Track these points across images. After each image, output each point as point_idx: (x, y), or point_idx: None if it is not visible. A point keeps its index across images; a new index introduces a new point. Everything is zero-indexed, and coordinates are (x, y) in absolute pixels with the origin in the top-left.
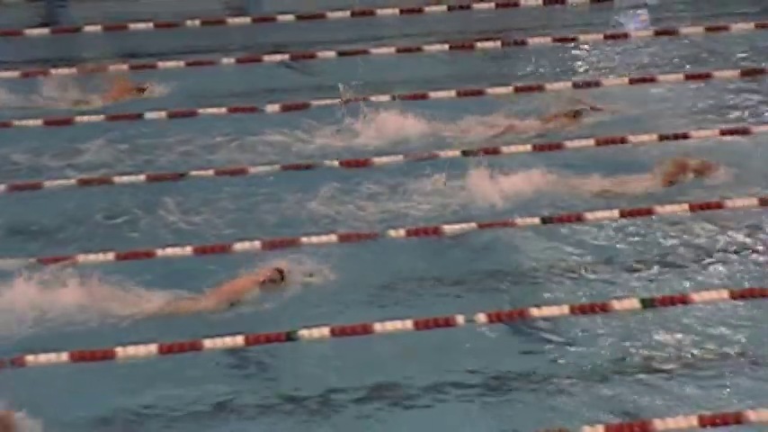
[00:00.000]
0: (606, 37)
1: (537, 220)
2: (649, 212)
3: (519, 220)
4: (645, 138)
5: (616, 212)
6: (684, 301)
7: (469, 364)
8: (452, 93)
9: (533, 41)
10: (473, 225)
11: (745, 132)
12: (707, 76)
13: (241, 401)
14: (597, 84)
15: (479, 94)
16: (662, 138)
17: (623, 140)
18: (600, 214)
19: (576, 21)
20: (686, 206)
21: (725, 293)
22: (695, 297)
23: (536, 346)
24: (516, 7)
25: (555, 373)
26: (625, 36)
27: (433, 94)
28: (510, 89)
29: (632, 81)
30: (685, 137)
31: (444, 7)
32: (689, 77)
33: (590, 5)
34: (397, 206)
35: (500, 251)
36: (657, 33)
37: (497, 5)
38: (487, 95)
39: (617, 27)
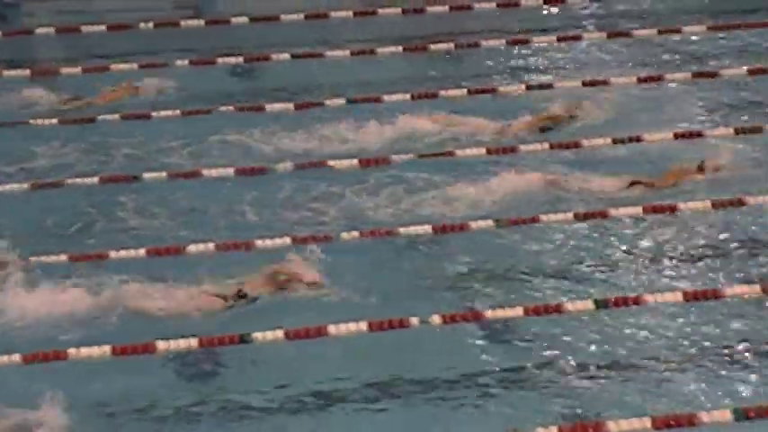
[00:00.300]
0: (559, 39)
1: (491, 222)
2: (603, 215)
3: (473, 224)
4: (600, 141)
5: (570, 215)
6: (638, 301)
7: (422, 365)
8: (407, 96)
9: (486, 44)
10: (427, 228)
11: (699, 135)
12: (659, 79)
13: (192, 405)
14: (550, 86)
15: (433, 96)
16: (615, 141)
17: (577, 145)
18: (554, 217)
19: (529, 23)
20: (640, 209)
21: (679, 295)
22: (649, 298)
23: (490, 348)
24: (469, 10)
25: (508, 374)
26: (578, 38)
27: (387, 98)
28: (463, 91)
29: (585, 84)
30: (639, 140)
31: (398, 10)
32: (641, 80)
33: (543, 7)
34: (355, 208)
35: (455, 253)
36: (610, 36)
37: (451, 8)
38: (441, 97)
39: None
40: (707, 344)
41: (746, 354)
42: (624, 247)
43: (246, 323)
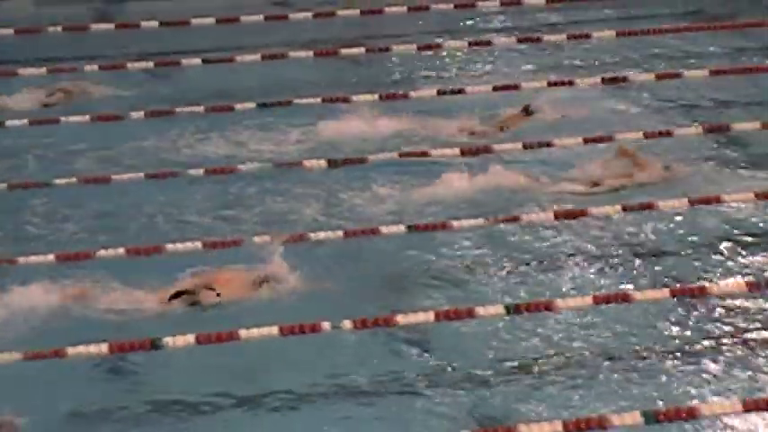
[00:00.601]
0: (471, 44)
1: (403, 228)
2: (516, 219)
3: (384, 228)
4: (512, 145)
5: (481, 220)
6: (549, 306)
7: (332, 370)
8: (318, 99)
9: (397, 48)
10: (339, 234)
11: (610, 139)
12: (570, 83)
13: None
14: (461, 91)
15: (345, 101)
16: (526, 147)
17: (488, 149)
18: (466, 223)
19: (439, 27)
20: (551, 214)
21: (588, 299)
22: (560, 303)
23: (402, 353)
24: (380, 14)
25: (419, 379)
26: (489, 43)
27: (297, 101)
28: (375, 96)
29: (496, 88)
30: (549, 145)
31: (309, 14)
32: (551, 84)
33: (454, 11)
34: (273, 211)
35: (371, 257)
36: (520, 40)
37: (362, 12)
38: (353, 102)
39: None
40: (617, 348)
41: (654, 357)
42: (534, 252)
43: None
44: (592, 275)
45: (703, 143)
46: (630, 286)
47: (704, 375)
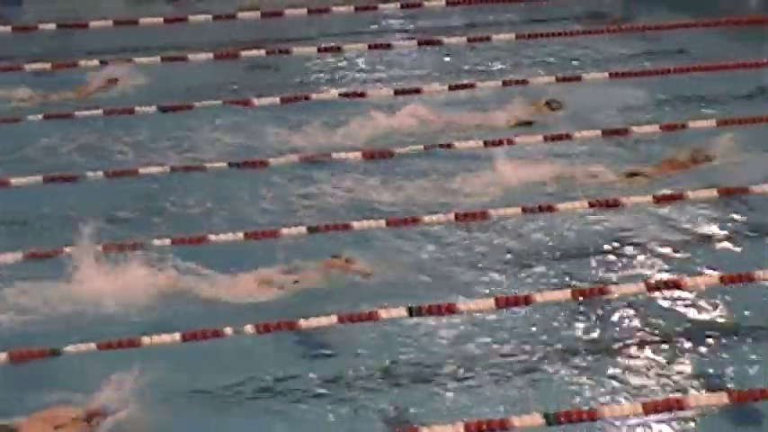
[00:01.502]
0: (371, 47)
1: (304, 230)
2: (415, 221)
3: (284, 230)
4: (408, 148)
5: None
6: (451, 309)
7: (233, 374)
8: (218, 102)
9: (298, 50)
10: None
11: (510, 143)
12: (471, 87)
13: None
14: (362, 94)
15: (246, 104)
16: (427, 147)
17: (391, 153)
18: (367, 223)
19: (340, 29)
20: (452, 216)
21: (491, 302)
22: (461, 306)
23: (305, 356)
24: (281, 16)
25: (320, 383)
26: (389, 46)
27: (197, 104)
28: (276, 99)
29: (397, 92)
30: (449, 146)
31: (209, 16)
32: (453, 88)
33: (355, 14)
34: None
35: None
36: (420, 43)
37: (262, 14)
38: (256, 106)
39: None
40: (518, 350)
41: (556, 358)
42: (438, 254)
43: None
44: (495, 277)
45: (603, 146)
46: (533, 288)
47: (605, 378)
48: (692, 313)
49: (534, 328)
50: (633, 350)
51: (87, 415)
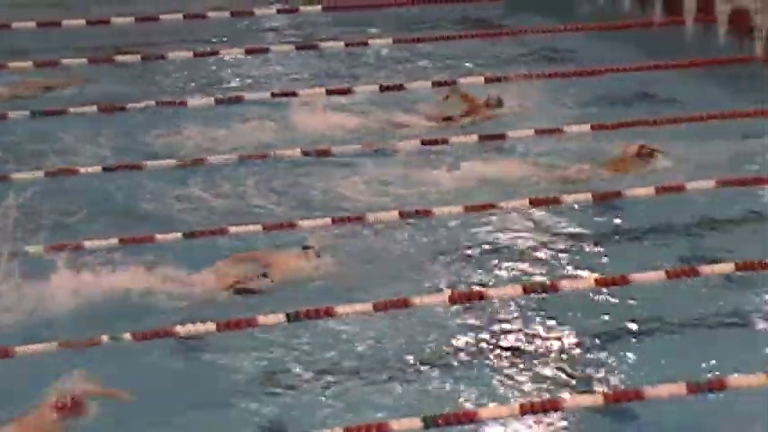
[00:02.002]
0: (248, 51)
1: (179, 235)
2: (292, 225)
3: (159, 236)
4: (289, 152)
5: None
6: (329, 313)
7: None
8: (94, 108)
9: (173, 55)
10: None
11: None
12: (348, 92)
13: None
14: (239, 99)
15: (121, 110)
16: (305, 153)
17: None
18: (239, 228)
19: (216, 34)
20: (329, 219)
21: (369, 306)
22: (339, 310)
23: (188, 363)
24: (156, 21)
25: (203, 389)
26: (266, 50)
27: (72, 109)
28: (152, 103)
29: (275, 95)
30: (326, 153)
31: (82, 21)
32: (330, 92)
33: (231, 19)
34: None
35: None
36: (298, 48)
37: (137, 19)
38: (129, 111)
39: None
40: (397, 353)
41: (436, 361)
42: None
43: None
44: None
45: (477, 148)
46: (412, 291)
47: (482, 380)
48: (567, 316)
49: (414, 332)
50: (509, 353)
51: None
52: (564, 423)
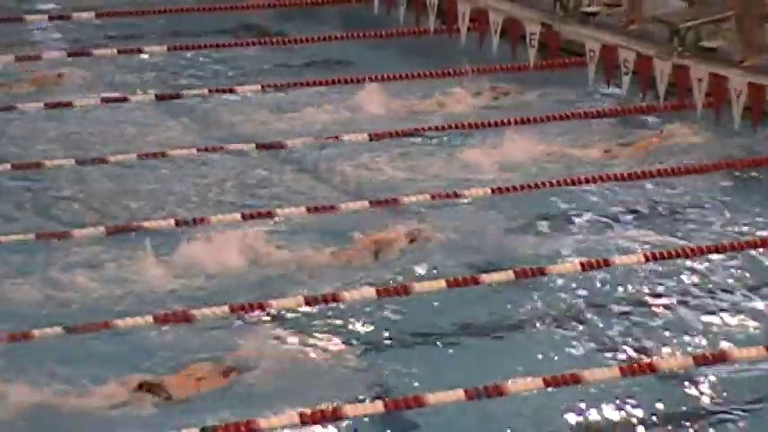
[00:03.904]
0: (18, 58)
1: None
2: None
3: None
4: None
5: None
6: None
7: None
8: None
9: None
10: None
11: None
12: (124, 100)
13: None
14: (11, 108)
15: None
16: (79, 162)
17: (39, 164)
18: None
19: None
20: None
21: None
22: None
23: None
24: None
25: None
26: (38, 57)
27: None
28: None
29: (48, 106)
30: (103, 161)
31: None
32: (105, 101)
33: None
34: None
35: None
36: (70, 54)
37: None
38: None
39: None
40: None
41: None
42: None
43: None
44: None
45: (258, 159)
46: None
47: None
48: (357, 325)
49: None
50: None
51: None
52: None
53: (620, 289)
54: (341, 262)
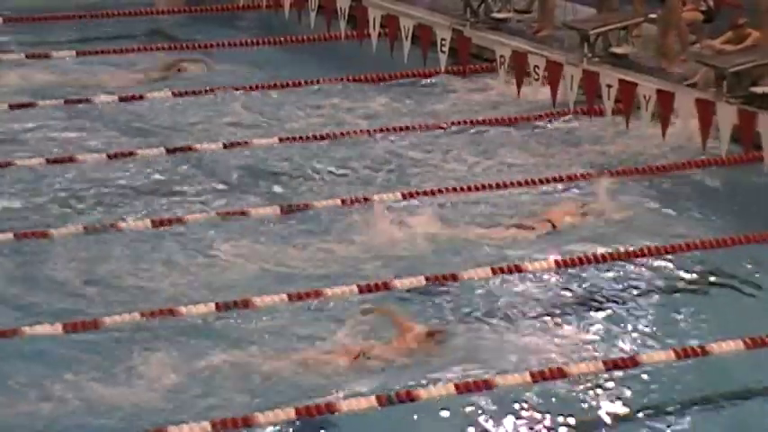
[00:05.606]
0: None
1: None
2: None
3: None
4: None
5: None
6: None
7: None
8: None
9: None
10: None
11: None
12: (32, 105)
13: None
14: None
15: None
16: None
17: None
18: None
19: None
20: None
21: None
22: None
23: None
24: None
25: None
26: None
27: None
28: None
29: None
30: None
31: None
32: (14, 107)
33: None
34: None
35: None
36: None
37: None
38: None
39: None
40: None
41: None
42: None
43: None
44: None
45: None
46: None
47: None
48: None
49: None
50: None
51: None
52: None
53: None
54: None
